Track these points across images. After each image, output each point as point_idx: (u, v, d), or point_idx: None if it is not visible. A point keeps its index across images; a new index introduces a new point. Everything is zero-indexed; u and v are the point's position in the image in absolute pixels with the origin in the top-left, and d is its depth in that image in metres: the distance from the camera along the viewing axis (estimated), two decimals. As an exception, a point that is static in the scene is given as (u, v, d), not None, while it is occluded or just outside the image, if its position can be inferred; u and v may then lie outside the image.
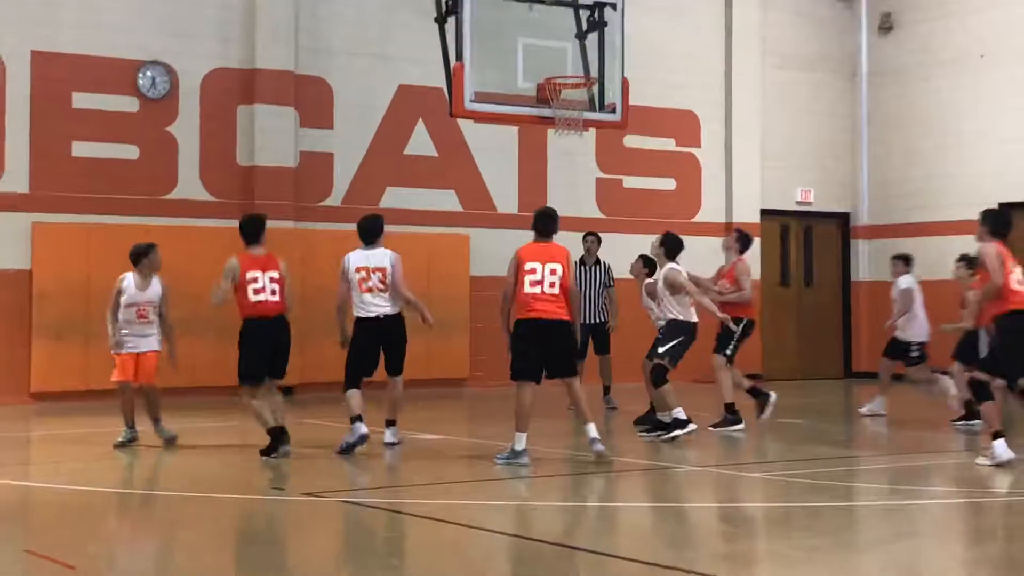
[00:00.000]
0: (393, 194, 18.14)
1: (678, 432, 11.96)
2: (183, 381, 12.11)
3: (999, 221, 10.63)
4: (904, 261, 14.88)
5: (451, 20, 13.00)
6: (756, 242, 20.65)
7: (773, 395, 13.29)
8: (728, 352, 13.05)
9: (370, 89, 18.18)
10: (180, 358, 11.91)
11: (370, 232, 11.60)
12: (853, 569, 6.91)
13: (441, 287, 17.59)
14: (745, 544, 7.76)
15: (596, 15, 13.56)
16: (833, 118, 22.07)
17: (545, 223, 10.68)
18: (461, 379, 18.44)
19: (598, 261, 15.38)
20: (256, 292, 10.99)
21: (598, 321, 15.10)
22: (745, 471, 10.68)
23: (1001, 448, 10.17)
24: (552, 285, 10.30)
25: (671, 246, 12.36)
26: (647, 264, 13.28)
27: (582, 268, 15.10)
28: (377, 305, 11.35)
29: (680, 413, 12.02)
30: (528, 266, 10.36)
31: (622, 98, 13.90)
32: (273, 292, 11.06)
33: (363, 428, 11.15)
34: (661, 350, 12.13)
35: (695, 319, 12.24)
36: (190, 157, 17.02)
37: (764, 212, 21.26)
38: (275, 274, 11.13)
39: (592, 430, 10.46)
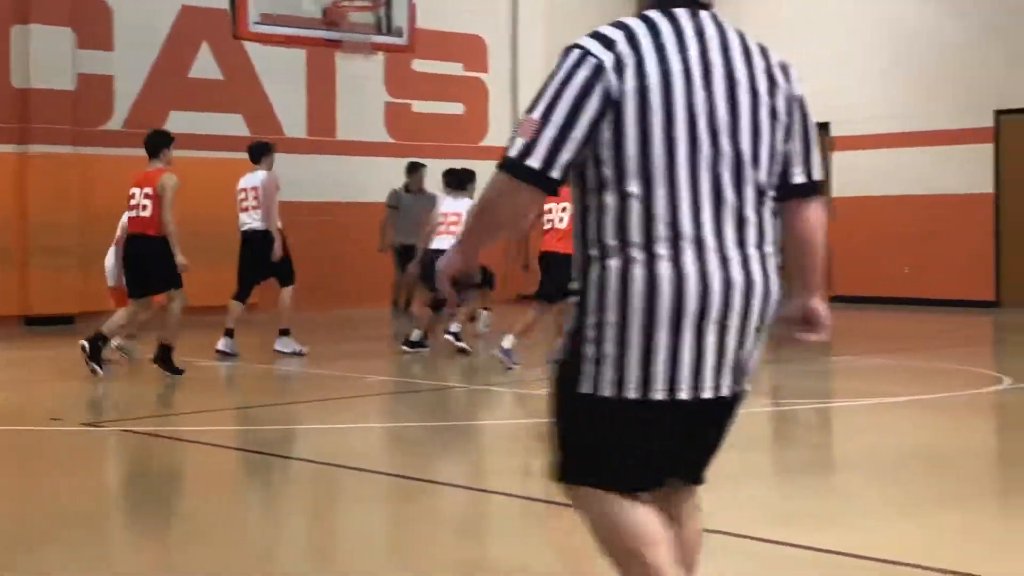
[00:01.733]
0: (178, 118, 17.70)
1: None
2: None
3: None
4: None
5: (234, -61, 12.79)
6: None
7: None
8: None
9: (151, 10, 17.65)
10: None
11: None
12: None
13: (230, 212, 17.28)
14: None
15: (382, -63, 13.50)
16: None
17: None
18: (252, 304, 18.23)
19: (422, 190, 16.67)
20: (131, 208, 11.02)
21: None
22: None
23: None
24: (561, 221, 11.13)
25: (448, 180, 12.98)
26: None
27: (408, 195, 16.56)
28: (244, 222, 12.87)
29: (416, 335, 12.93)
30: (546, 207, 11.25)
31: (408, 21, 13.95)
32: (143, 208, 10.86)
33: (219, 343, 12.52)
34: None
35: (434, 246, 12.49)
36: (-40, 79, 16.33)
37: (552, 136, 21.51)
38: (149, 190, 10.85)
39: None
